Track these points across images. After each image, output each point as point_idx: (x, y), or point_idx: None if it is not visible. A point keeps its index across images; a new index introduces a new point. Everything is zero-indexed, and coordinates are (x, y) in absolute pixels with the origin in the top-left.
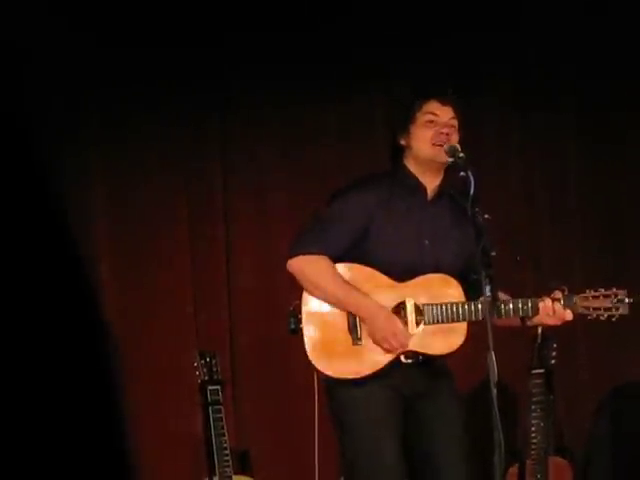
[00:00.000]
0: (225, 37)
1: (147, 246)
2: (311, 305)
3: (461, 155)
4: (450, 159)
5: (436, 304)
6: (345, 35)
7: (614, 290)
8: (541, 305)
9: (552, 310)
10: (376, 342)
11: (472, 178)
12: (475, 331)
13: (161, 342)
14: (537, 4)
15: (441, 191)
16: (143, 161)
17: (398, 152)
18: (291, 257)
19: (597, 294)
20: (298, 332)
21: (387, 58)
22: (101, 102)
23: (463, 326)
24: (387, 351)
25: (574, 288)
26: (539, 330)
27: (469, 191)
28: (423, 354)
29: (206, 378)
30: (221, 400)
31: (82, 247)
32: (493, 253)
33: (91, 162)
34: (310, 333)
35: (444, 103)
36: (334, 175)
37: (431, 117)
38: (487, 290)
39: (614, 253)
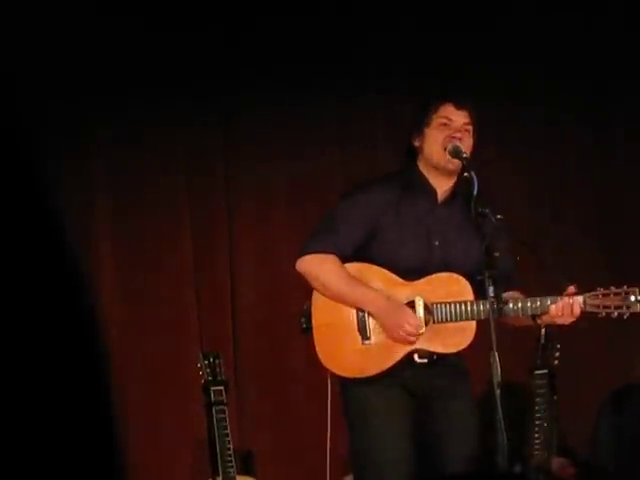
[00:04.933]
0: (226, 38)
1: (150, 247)
2: (321, 304)
3: (465, 156)
4: (455, 160)
5: (445, 303)
6: (346, 36)
7: (625, 288)
8: (559, 305)
9: (570, 309)
10: (391, 334)
11: (476, 179)
12: (479, 331)
13: (165, 343)
14: (539, 7)
15: (454, 193)
16: (145, 162)
17: (412, 152)
18: (300, 256)
19: (607, 292)
20: (309, 332)
21: (388, 60)
22: (103, 102)
23: (472, 325)
24: (406, 342)
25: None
26: (543, 331)
27: (472, 192)
28: (433, 353)
29: (210, 379)
30: (225, 401)
31: (84, 248)
32: (496, 254)
33: (93, 163)
34: (319, 332)
35: (459, 107)
36: (336, 177)
37: (445, 121)
38: (490, 291)
39: (614, 253)
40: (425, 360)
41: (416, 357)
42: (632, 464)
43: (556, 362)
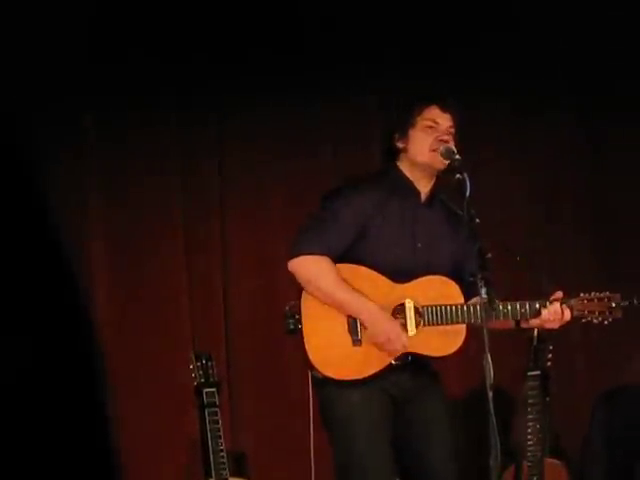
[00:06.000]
0: (223, 39)
1: (143, 246)
2: (311, 305)
3: (457, 157)
4: (446, 161)
5: (435, 305)
6: (342, 37)
7: (607, 294)
8: (551, 309)
9: (561, 315)
10: (377, 345)
11: (468, 180)
12: (471, 333)
13: (157, 344)
14: (537, 8)
15: (433, 195)
16: (139, 162)
17: (392, 153)
18: (292, 257)
19: (591, 297)
20: (297, 332)
21: (384, 61)
22: (98, 102)
23: (462, 328)
24: (389, 353)
25: (568, 289)
26: (535, 332)
27: (465, 193)
28: (422, 355)
29: (202, 380)
30: (217, 402)
31: (77, 248)
32: (489, 255)
33: (87, 163)
34: (310, 334)
35: (444, 110)
36: (331, 177)
37: (431, 123)
38: (483, 292)
39: (610, 253)
40: (398, 362)
41: (392, 360)
42: (625, 464)
43: (549, 364)
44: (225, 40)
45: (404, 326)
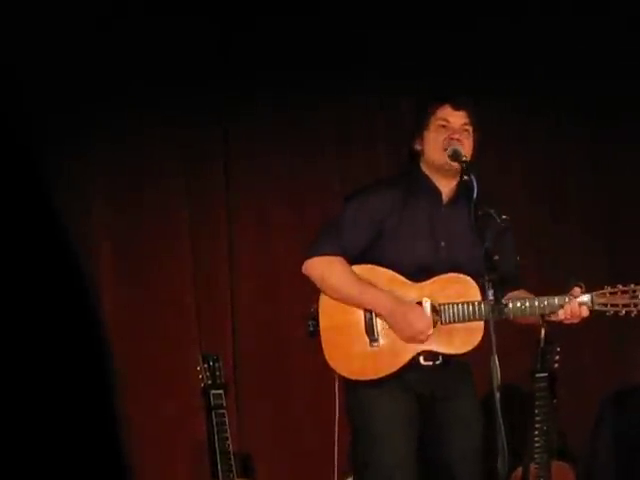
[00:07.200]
0: (226, 41)
1: (149, 250)
2: (328, 307)
3: (464, 159)
4: (453, 163)
5: (453, 304)
6: (344, 37)
7: (632, 286)
8: (567, 309)
9: (578, 312)
10: (401, 334)
11: (475, 182)
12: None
13: (164, 346)
14: (539, 6)
15: (458, 194)
16: (144, 164)
17: (414, 155)
18: (307, 259)
19: (615, 290)
20: (316, 335)
21: (387, 61)
22: (101, 105)
23: (480, 325)
24: (416, 341)
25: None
26: (542, 334)
27: (472, 194)
28: (441, 354)
29: (209, 382)
30: (224, 404)
31: (83, 252)
32: (496, 257)
33: (92, 166)
34: (327, 335)
35: (457, 108)
36: (335, 177)
37: (443, 122)
38: (490, 294)
39: (614, 253)
40: (430, 362)
41: (421, 359)
42: (632, 467)
43: (556, 365)
44: (226, 40)
45: None
